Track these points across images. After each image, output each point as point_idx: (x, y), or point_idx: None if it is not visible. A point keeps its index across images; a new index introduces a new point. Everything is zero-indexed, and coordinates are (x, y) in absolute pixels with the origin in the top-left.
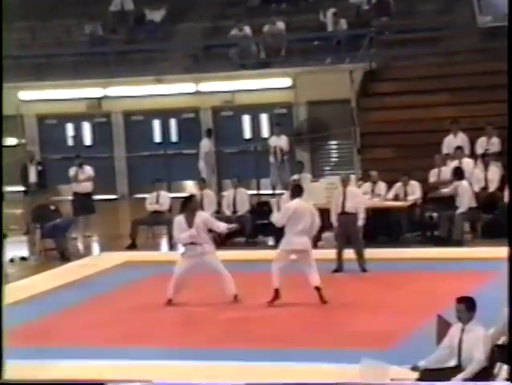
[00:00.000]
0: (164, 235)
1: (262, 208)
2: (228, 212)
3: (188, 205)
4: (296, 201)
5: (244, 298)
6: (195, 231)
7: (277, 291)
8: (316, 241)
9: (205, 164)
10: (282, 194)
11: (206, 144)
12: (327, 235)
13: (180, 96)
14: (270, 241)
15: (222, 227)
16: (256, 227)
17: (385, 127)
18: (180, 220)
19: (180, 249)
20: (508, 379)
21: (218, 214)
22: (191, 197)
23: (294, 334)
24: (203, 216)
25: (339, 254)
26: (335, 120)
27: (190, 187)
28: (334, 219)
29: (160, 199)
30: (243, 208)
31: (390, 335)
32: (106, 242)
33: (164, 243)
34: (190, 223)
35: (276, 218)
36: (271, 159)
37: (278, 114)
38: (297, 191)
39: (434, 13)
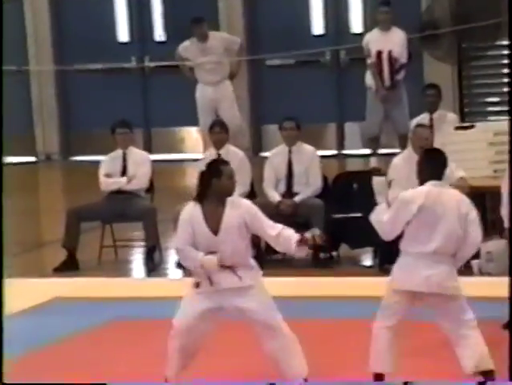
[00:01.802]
0: (139, 242)
1: (349, 187)
2: (274, 192)
3: (211, 182)
4: (429, 186)
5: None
6: (216, 258)
7: (379, 377)
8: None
9: (217, 92)
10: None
11: (217, 46)
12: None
13: None
14: (368, 260)
15: (287, 239)
16: (337, 226)
17: None
18: (191, 215)
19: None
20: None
21: (253, 198)
22: (216, 163)
23: None
24: (245, 209)
25: None
26: None
27: (192, 139)
28: None
29: (128, 166)
30: (310, 184)
31: None
32: (15, 257)
33: (137, 259)
34: (215, 225)
35: (382, 220)
36: (368, 80)
37: None
38: (429, 160)
39: None
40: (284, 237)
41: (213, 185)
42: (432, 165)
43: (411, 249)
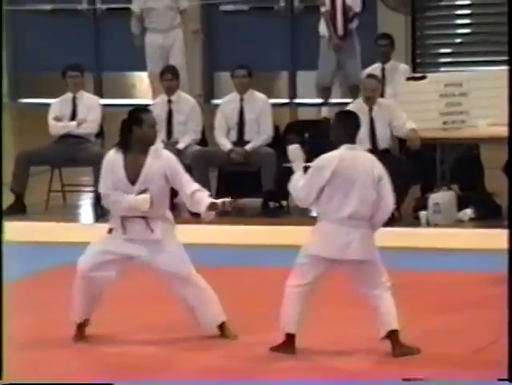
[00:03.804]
0: (88, 187)
1: (300, 136)
2: (226, 140)
3: (132, 130)
4: (343, 150)
5: (244, 330)
6: (149, 196)
7: (290, 337)
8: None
9: (166, 37)
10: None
11: None
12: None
13: None
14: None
15: (199, 201)
16: (287, 176)
17: None
18: (112, 162)
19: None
20: (508, 379)
21: (205, 146)
22: (137, 111)
23: None
24: (166, 161)
25: None
26: None
27: (144, 85)
28: None
29: (78, 110)
30: (261, 132)
31: None
32: None
33: (86, 204)
34: (134, 174)
35: (297, 187)
36: (321, 28)
37: None
38: (342, 123)
39: None
40: (196, 198)
41: (134, 133)
42: (345, 128)
43: (326, 214)
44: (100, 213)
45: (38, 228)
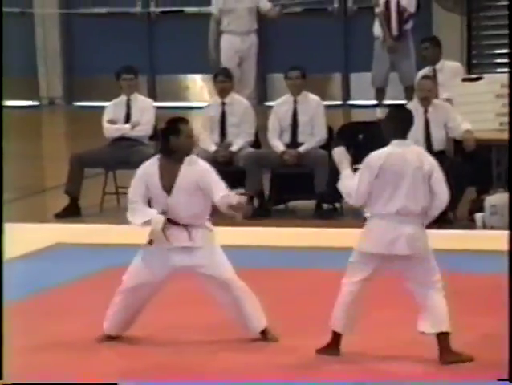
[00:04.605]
0: None
1: (354, 138)
2: (279, 142)
3: (170, 140)
4: (392, 146)
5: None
6: (163, 218)
7: (337, 336)
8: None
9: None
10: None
11: None
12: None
13: None
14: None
15: (226, 202)
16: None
17: None
18: (148, 170)
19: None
20: (508, 379)
21: (258, 148)
22: (174, 121)
23: None
24: (199, 170)
25: None
26: None
27: (197, 87)
28: None
29: (132, 112)
30: (315, 134)
31: None
32: (17, 202)
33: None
34: (169, 183)
35: (347, 186)
36: (375, 29)
37: None
38: (393, 118)
39: None
40: (224, 201)
41: (172, 143)
42: (395, 123)
43: (376, 210)
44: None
45: (92, 230)
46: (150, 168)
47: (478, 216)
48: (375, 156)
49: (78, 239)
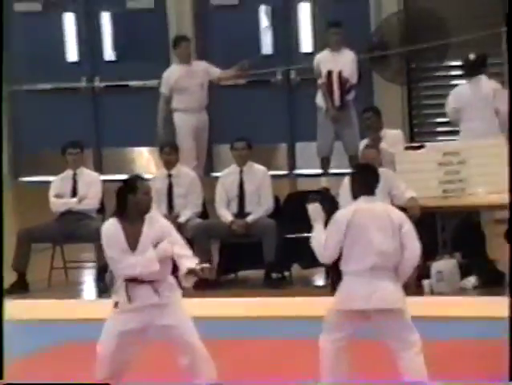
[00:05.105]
0: (90, 263)
1: (300, 207)
2: (227, 212)
3: (127, 198)
4: (359, 202)
5: None
6: (147, 258)
7: None
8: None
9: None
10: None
11: (174, 70)
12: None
13: None
14: (320, 280)
15: (185, 261)
16: (288, 246)
17: None
18: (112, 230)
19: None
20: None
21: (206, 218)
22: (131, 180)
23: None
24: (160, 227)
25: None
26: (464, 16)
27: (143, 159)
28: None
29: (79, 186)
30: (262, 204)
31: None
32: None
33: (88, 280)
34: (133, 242)
35: (319, 244)
36: (318, 100)
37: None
38: (360, 175)
39: None
40: (179, 263)
41: (129, 201)
42: (363, 181)
43: (349, 267)
44: (103, 289)
45: (40, 305)
46: (114, 229)
47: (426, 282)
48: (343, 212)
49: (26, 315)
